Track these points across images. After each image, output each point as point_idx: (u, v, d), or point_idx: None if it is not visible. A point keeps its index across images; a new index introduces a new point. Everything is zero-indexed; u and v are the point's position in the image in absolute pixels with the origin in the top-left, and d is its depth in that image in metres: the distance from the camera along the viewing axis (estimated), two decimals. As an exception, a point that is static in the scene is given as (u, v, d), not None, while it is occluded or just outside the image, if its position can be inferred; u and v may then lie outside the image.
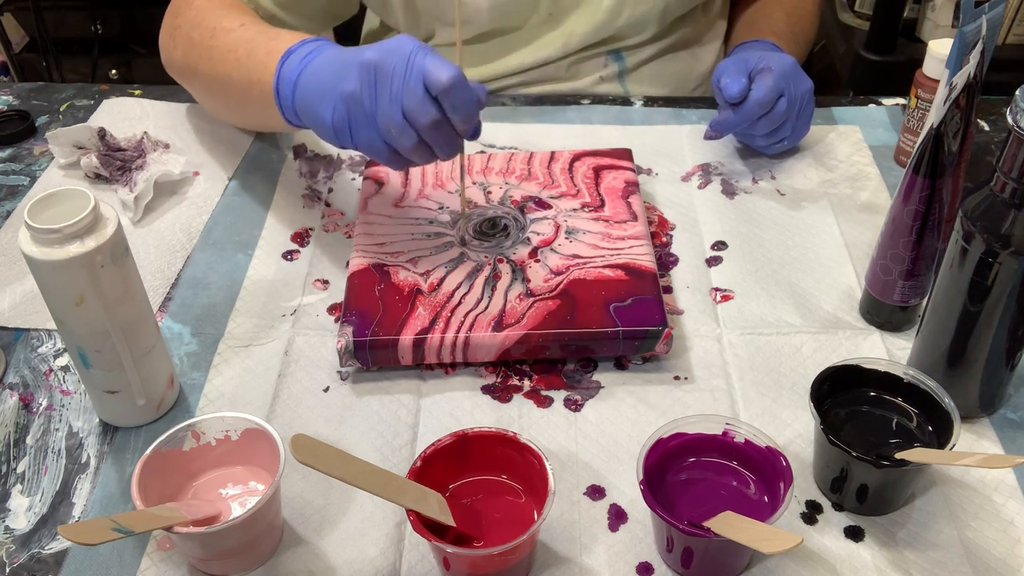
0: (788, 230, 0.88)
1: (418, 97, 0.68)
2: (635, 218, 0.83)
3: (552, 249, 0.80)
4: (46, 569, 0.62)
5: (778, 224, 0.89)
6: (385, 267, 0.79)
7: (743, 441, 0.63)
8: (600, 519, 0.64)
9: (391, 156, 0.72)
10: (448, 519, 0.59)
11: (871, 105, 1.05)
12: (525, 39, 1.03)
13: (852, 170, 0.95)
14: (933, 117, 0.67)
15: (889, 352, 0.75)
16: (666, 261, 0.85)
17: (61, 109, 1.07)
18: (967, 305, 0.64)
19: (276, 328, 0.79)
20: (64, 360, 0.77)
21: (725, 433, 0.63)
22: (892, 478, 0.62)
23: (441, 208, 0.86)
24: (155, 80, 1.10)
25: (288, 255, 0.87)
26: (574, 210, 0.85)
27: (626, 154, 0.91)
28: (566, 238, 0.82)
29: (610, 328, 0.72)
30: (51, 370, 0.76)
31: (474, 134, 0.73)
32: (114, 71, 2.17)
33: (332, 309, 0.81)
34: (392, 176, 0.90)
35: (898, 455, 0.60)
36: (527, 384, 0.74)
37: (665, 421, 0.67)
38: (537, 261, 0.79)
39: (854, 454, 0.60)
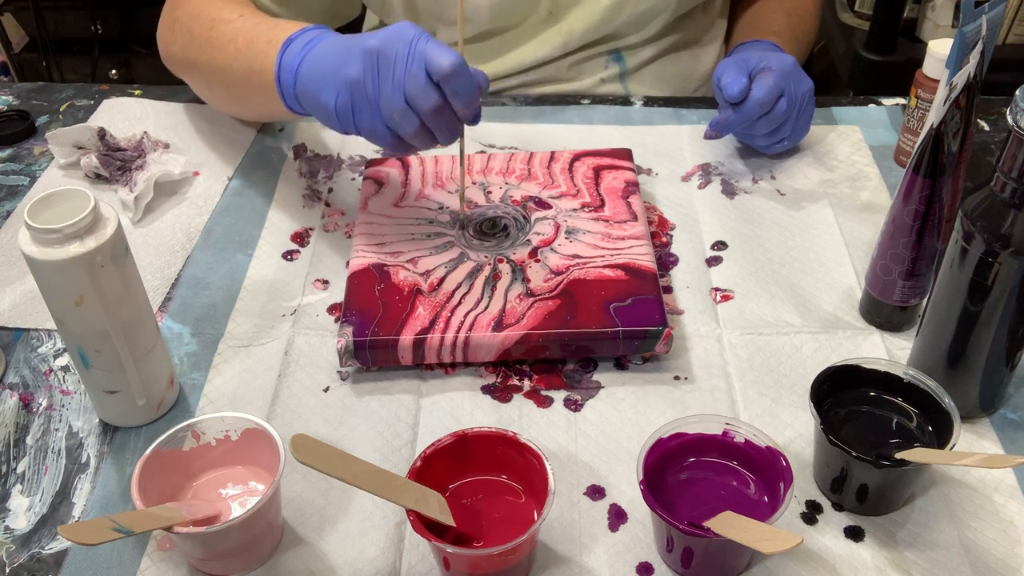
0: (788, 230, 0.88)
1: (420, 83, 0.69)
2: (635, 218, 0.83)
3: (552, 249, 0.80)
4: (46, 569, 0.62)
5: (778, 224, 0.89)
6: (385, 267, 0.79)
7: (743, 441, 0.63)
8: (600, 519, 0.64)
9: (393, 141, 0.73)
10: (448, 519, 0.59)
11: (871, 105, 1.05)
12: (524, 37, 1.03)
13: (852, 170, 0.95)
14: (933, 117, 0.67)
15: (889, 352, 0.75)
16: (666, 261, 0.85)
17: (61, 109, 1.07)
18: (967, 305, 0.64)
19: (276, 328, 0.79)
20: (64, 360, 0.77)
21: (725, 433, 0.63)
22: (892, 478, 0.62)
23: (441, 208, 0.86)
24: (155, 80, 1.10)
25: (288, 255, 0.87)
26: (574, 210, 0.85)
27: (626, 154, 0.91)
28: (566, 238, 0.82)
29: (610, 328, 0.72)
30: (51, 370, 0.76)
31: (474, 119, 0.73)
32: (114, 71, 2.17)
33: (332, 309, 0.81)
34: (392, 176, 0.90)
35: (898, 455, 0.60)
36: (527, 384, 0.74)
37: (665, 421, 0.67)
38: (537, 261, 0.79)
39: (854, 454, 0.60)
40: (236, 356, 0.77)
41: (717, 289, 0.82)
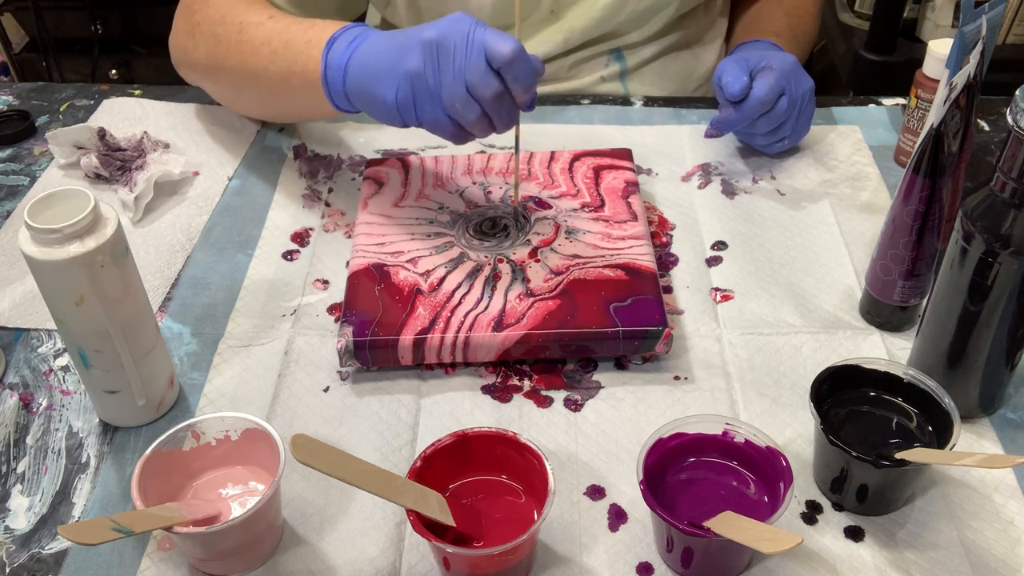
0: (788, 230, 0.88)
1: (481, 71, 0.70)
2: (635, 218, 0.83)
3: (552, 249, 0.80)
4: (46, 569, 0.62)
5: (778, 224, 0.89)
6: (385, 267, 0.79)
7: (743, 441, 0.63)
8: (600, 519, 0.64)
9: (455, 130, 0.74)
10: (448, 519, 0.59)
11: (871, 105, 1.05)
12: (526, 35, 1.03)
13: (852, 170, 0.95)
14: (933, 117, 0.67)
15: (889, 352, 0.75)
16: (666, 261, 0.85)
17: (61, 109, 1.07)
18: (967, 305, 0.64)
19: (276, 328, 0.79)
20: (64, 360, 0.77)
21: (725, 433, 0.63)
22: (892, 478, 0.62)
23: (441, 208, 0.86)
24: (155, 80, 1.10)
25: (288, 255, 0.87)
26: (574, 210, 0.85)
27: (626, 154, 0.91)
28: (566, 238, 0.82)
29: (610, 328, 0.72)
30: (51, 370, 0.76)
31: (531, 105, 0.74)
32: (114, 71, 2.17)
33: (332, 309, 0.81)
34: (392, 176, 0.90)
35: (898, 455, 0.60)
36: (527, 384, 0.74)
37: (665, 421, 0.67)
38: (537, 261, 0.79)
39: (854, 454, 0.60)
40: (236, 356, 0.77)
41: (717, 289, 0.82)
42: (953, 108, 0.67)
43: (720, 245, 0.86)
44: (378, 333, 0.73)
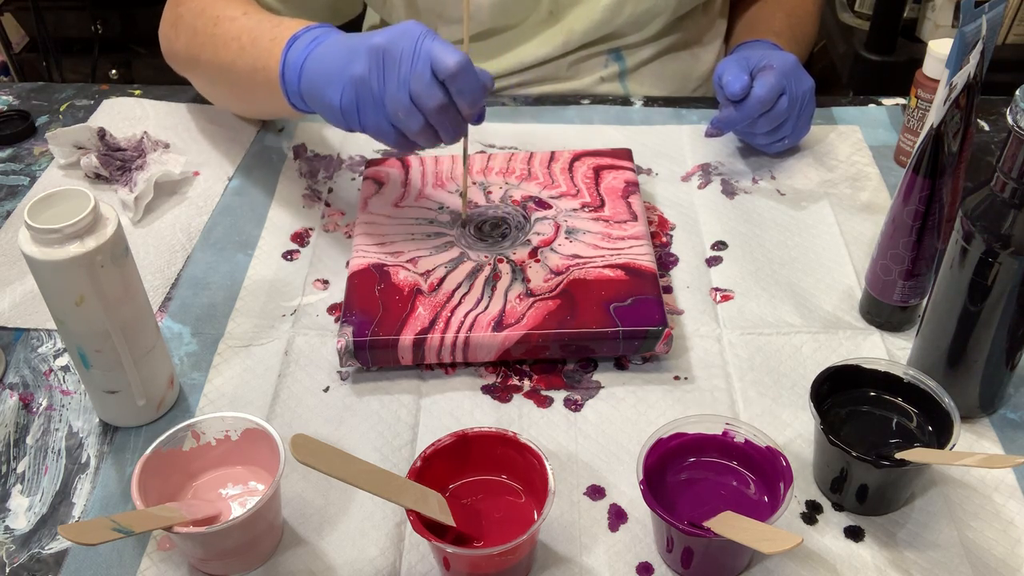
0: (788, 230, 0.88)
1: (425, 81, 0.69)
2: (635, 218, 0.83)
3: (552, 249, 0.80)
4: (46, 569, 0.62)
5: (778, 224, 0.89)
6: (385, 267, 0.79)
7: (743, 441, 0.63)
8: (600, 519, 0.64)
9: (398, 139, 0.74)
10: (448, 519, 0.59)
11: (871, 105, 1.05)
12: (525, 36, 1.03)
13: (852, 170, 0.95)
14: (933, 117, 0.67)
15: (889, 352, 0.75)
16: (666, 261, 0.85)
17: (61, 109, 1.07)
18: (967, 305, 0.64)
19: (276, 328, 0.79)
20: (64, 360, 0.77)
21: (725, 433, 0.63)
22: (892, 478, 0.62)
23: (441, 208, 0.86)
24: (155, 80, 1.10)
25: (288, 255, 0.87)
26: (574, 210, 0.85)
27: (626, 154, 0.91)
28: (566, 238, 0.82)
29: (610, 328, 0.72)
30: (51, 370, 0.76)
31: (479, 119, 0.74)
32: (114, 71, 2.17)
33: (332, 309, 0.81)
34: (392, 176, 0.90)
35: (898, 455, 0.60)
36: (527, 384, 0.74)
37: (665, 421, 0.67)
38: (537, 261, 0.79)
39: (854, 454, 0.60)
40: (236, 356, 0.77)
41: (717, 289, 0.82)
42: (953, 108, 0.67)
43: (720, 245, 0.86)
44: (378, 333, 0.73)
